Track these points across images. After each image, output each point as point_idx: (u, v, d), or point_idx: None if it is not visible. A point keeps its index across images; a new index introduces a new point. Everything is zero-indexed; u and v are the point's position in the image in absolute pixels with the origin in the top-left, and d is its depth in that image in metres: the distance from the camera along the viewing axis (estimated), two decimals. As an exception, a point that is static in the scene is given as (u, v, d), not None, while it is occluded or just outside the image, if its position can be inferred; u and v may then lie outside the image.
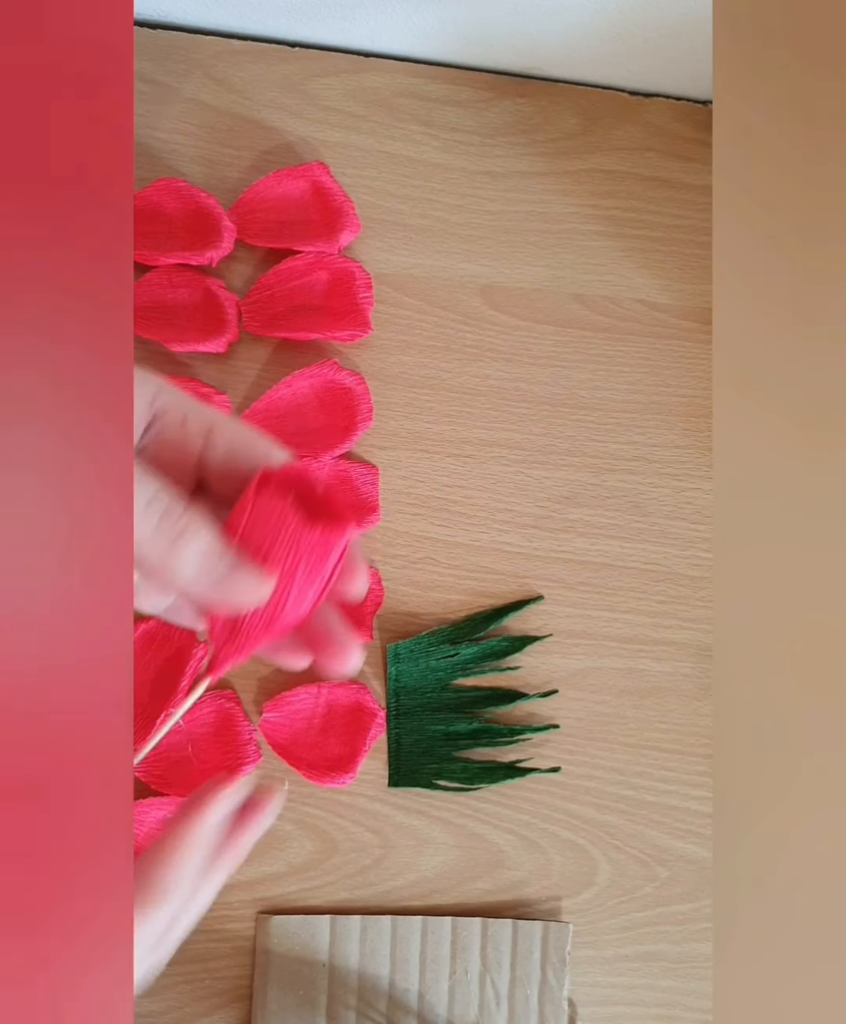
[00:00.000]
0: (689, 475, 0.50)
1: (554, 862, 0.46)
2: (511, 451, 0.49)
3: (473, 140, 0.52)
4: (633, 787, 0.47)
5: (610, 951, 0.46)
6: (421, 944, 0.44)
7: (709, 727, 0.48)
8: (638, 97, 0.54)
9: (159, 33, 0.50)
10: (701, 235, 0.53)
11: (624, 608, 0.49)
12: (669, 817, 0.47)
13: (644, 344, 0.51)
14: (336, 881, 0.45)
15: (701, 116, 0.54)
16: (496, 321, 0.50)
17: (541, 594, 0.48)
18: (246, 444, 0.28)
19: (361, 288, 0.48)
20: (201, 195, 0.47)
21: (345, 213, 0.48)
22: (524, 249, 0.51)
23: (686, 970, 0.46)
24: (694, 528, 0.50)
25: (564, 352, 0.51)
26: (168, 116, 0.50)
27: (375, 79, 0.52)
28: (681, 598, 0.49)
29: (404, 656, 0.46)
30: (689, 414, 0.51)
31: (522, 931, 0.44)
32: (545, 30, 0.49)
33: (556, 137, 0.53)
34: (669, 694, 0.48)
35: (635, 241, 0.52)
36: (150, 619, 0.45)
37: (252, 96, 0.51)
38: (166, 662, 0.45)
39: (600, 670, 0.48)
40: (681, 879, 0.47)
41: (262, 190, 0.48)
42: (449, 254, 0.51)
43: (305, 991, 0.43)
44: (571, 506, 0.49)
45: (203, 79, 0.50)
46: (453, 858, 0.46)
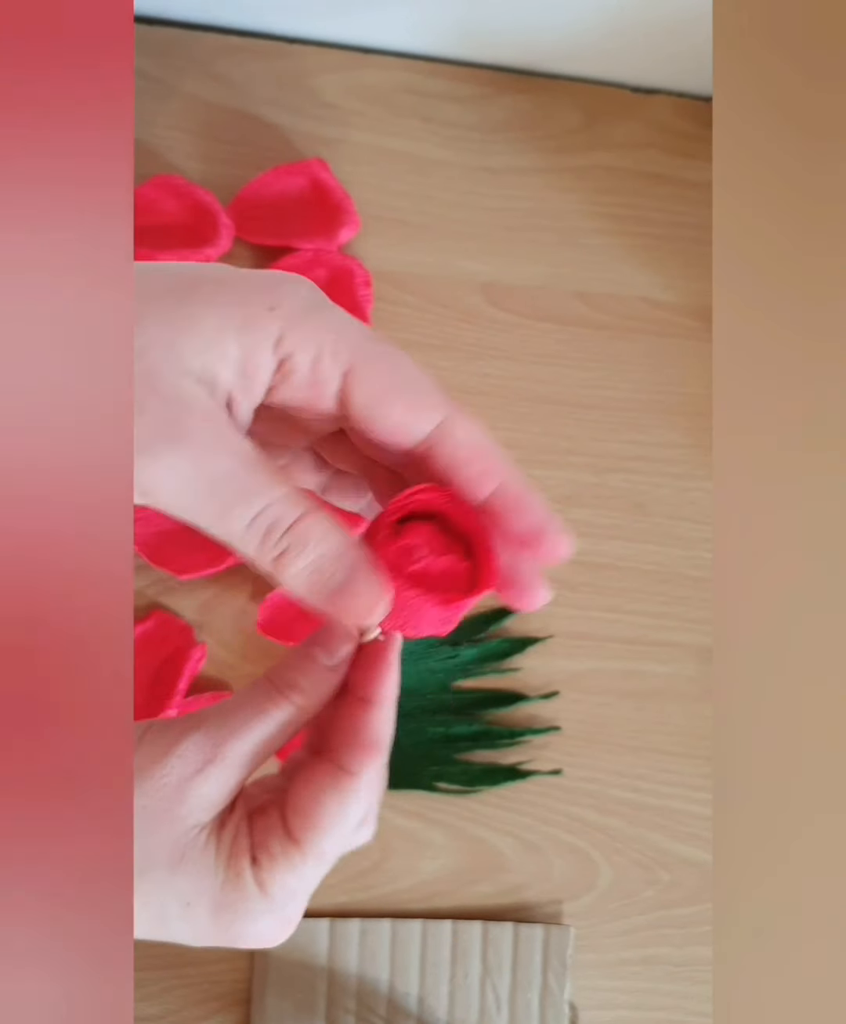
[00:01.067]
0: (692, 475, 0.50)
1: (555, 865, 0.46)
2: (511, 450, 0.48)
3: (473, 136, 0.52)
4: (634, 790, 0.47)
5: (611, 955, 0.45)
6: (421, 948, 0.43)
7: (711, 729, 0.48)
8: (639, 93, 0.54)
9: (158, 29, 0.50)
10: (703, 232, 0.52)
11: (626, 609, 0.48)
12: (671, 820, 0.47)
13: (646, 342, 0.51)
14: (335, 884, 0.44)
15: (703, 112, 0.54)
16: (497, 319, 0.50)
17: (542, 595, 0.48)
18: (390, 400, 0.23)
19: (360, 285, 0.48)
20: (199, 192, 0.47)
21: (344, 210, 0.48)
22: (525, 246, 0.51)
23: (687, 974, 0.46)
24: (697, 528, 0.50)
25: (565, 350, 0.50)
26: (166, 112, 0.50)
27: (374, 75, 0.51)
28: (684, 599, 0.49)
29: (404, 657, 0.46)
30: (692, 413, 0.51)
31: (523, 935, 0.44)
32: (546, 26, 0.49)
33: (557, 133, 0.52)
34: (671, 696, 0.48)
35: (637, 238, 0.52)
36: (148, 620, 0.44)
37: (251, 92, 0.50)
38: (164, 663, 0.44)
39: (601, 672, 0.48)
40: (683, 882, 0.46)
41: (261, 187, 0.48)
42: (449, 251, 0.50)
43: (304, 995, 0.42)
44: (572, 506, 0.49)
45: (202, 75, 0.50)
46: (453, 861, 0.45)
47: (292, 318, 0.22)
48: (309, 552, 0.23)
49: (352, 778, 0.24)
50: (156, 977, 0.43)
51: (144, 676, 0.44)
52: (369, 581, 0.23)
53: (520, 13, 0.48)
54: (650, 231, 0.52)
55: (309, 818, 0.24)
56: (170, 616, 0.45)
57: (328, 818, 0.24)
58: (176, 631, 0.45)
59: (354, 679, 0.26)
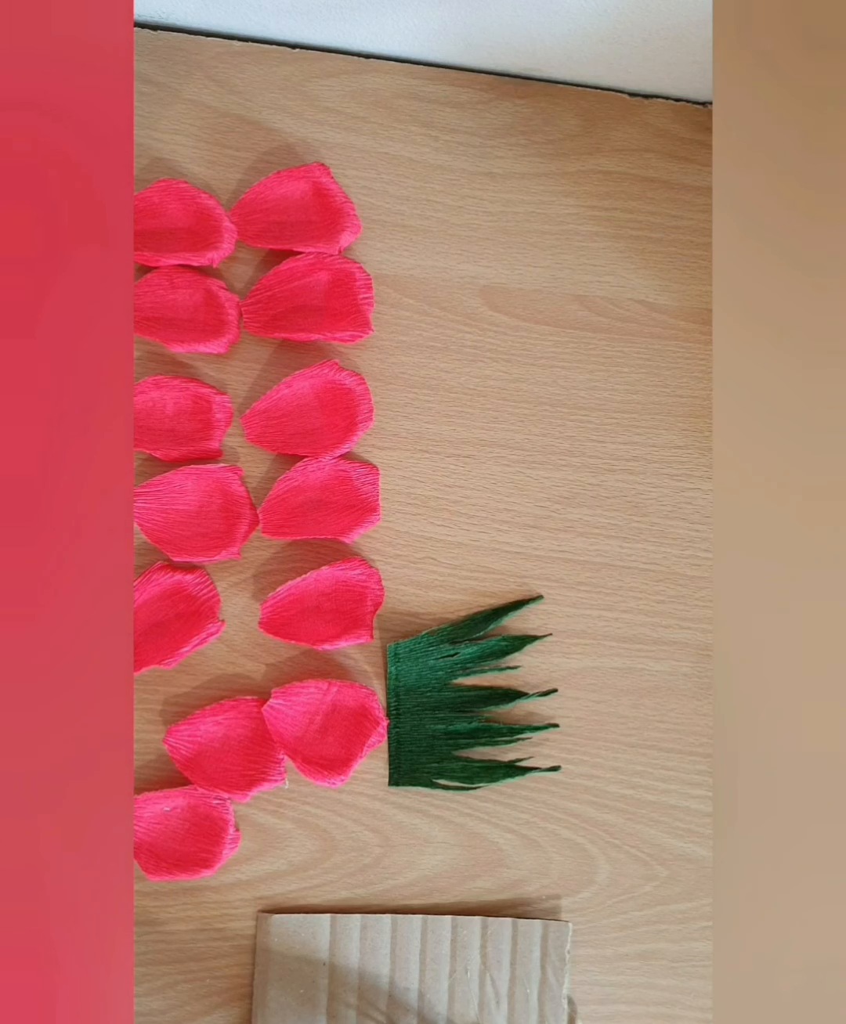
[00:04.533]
0: (688, 475, 0.51)
1: (554, 861, 0.46)
2: (511, 451, 0.50)
3: (473, 141, 0.52)
4: (632, 786, 0.47)
5: (609, 950, 0.46)
6: (421, 943, 0.44)
7: (708, 726, 0.48)
8: (638, 98, 0.54)
9: (160, 34, 0.50)
10: (700, 236, 0.53)
11: (623, 608, 0.49)
12: (668, 816, 0.47)
13: (643, 345, 0.51)
14: (336, 880, 0.45)
15: (701, 117, 0.54)
16: (496, 322, 0.51)
17: (541, 594, 0.48)
18: None
19: (361, 289, 0.48)
20: (202, 196, 0.48)
21: (345, 214, 0.48)
22: (524, 250, 0.51)
23: (685, 968, 0.46)
24: (693, 528, 0.50)
25: (564, 353, 0.51)
26: (169, 117, 0.50)
27: (375, 80, 0.52)
28: (680, 598, 0.49)
29: (404, 656, 0.46)
30: (688, 414, 0.51)
31: (522, 930, 0.44)
32: (545, 31, 0.49)
33: (556, 138, 0.53)
34: (668, 693, 0.48)
35: (635, 242, 0.52)
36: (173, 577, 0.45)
37: (253, 97, 0.51)
38: (176, 617, 0.45)
39: (599, 669, 0.48)
40: (680, 878, 0.47)
41: (262, 191, 0.49)
42: (449, 255, 0.51)
43: (305, 990, 0.43)
44: (571, 506, 0.49)
45: (204, 80, 0.50)
46: (453, 857, 0.46)
47: None
48: None
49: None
50: (159, 972, 0.43)
51: (149, 618, 0.45)
52: None
53: (520, 20, 0.48)
54: (648, 235, 0.53)
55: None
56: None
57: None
58: (203, 595, 0.45)
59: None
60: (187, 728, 0.44)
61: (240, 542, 0.46)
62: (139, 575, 0.45)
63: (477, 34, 0.50)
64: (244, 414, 0.47)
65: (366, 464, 0.48)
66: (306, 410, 0.48)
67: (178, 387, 0.46)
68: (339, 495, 0.47)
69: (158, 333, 0.46)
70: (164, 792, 0.43)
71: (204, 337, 0.47)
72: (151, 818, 0.43)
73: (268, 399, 0.47)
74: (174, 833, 0.44)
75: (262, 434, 0.47)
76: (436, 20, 0.49)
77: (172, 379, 0.46)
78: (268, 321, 0.48)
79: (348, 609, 0.46)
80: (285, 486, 0.46)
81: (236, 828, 0.44)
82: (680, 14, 0.47)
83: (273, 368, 0.48)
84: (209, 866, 0.43)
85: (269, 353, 0.49)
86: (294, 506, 0.47)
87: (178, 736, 0.44)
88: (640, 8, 0.47)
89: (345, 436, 0.47)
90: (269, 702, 0.44)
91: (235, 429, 0.48)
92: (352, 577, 0.46)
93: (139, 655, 0.44)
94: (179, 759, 0.44)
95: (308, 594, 0.46)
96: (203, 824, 0.44)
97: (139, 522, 0.45)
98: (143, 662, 0.44)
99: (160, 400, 0.47)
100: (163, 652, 0.44)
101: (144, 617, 0.45)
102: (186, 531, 0.46)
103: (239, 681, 0.46)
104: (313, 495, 0.47)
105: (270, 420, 0.47)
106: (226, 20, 0.51)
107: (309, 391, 0.47)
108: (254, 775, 0.44)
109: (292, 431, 0.47)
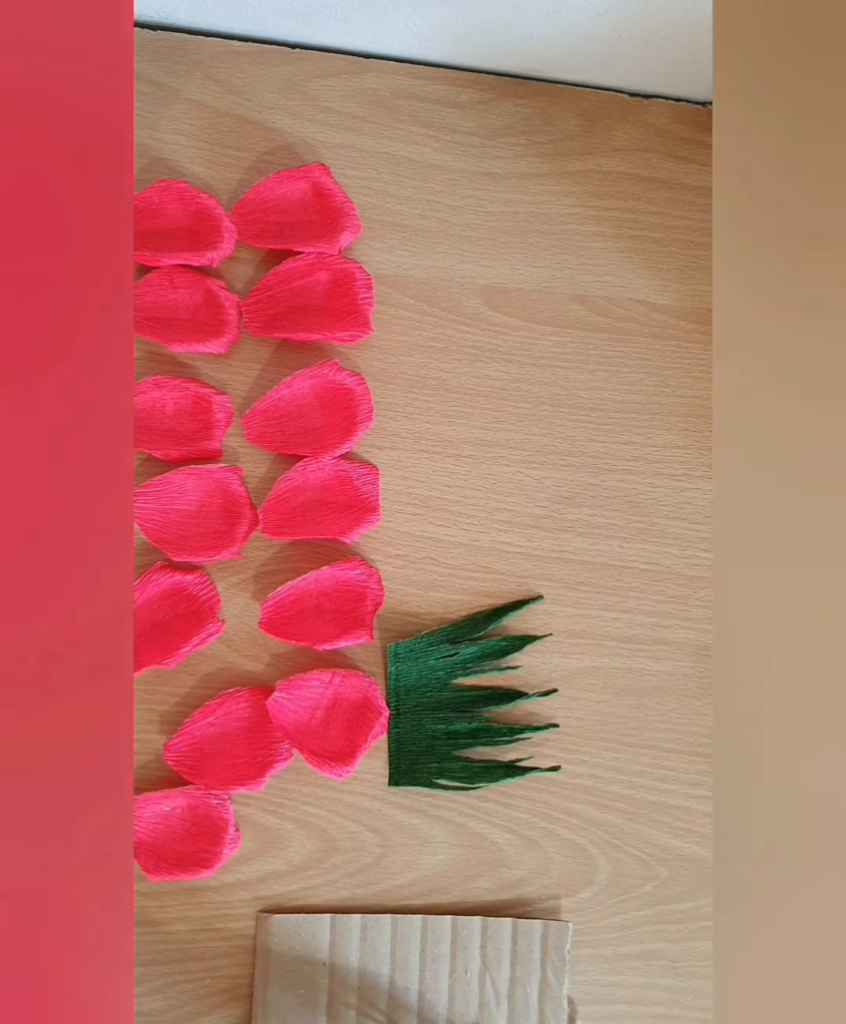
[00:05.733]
0: (688, 475, 0.51)
1: (554, 861, 0.46)
2: (511, 451, 0.50)
3: (473, 141, 0.52)
4: (632, 786, 0.47)
5: (610, 950, 0.46)
6: (421, 943, 0.44)
7: (708, 726, 0.48)
8: (638, 98, 0.54)
9: (160, 34, 0.50)
10: (700, 236, 0.53)
11: (623, 608, 0.49)
12: (668, 816, 0.47)
13: (643, 345, 0.51)
14: (336, 880, 0.45)
15: (701, 117, 0.54)
16: (496, 322, 0.51)
17: (541, 594, 0.48)
18: None
19: (361, 289, 0.48)
20: (202, 196, 0.48)
21: (345, 214, 0.48)
22: (524, 250, 0.51)
23: (685, 969, 0.46)
24: (693, 528, 0.50)
25: (563, 353, 0.51)
26: (169, 117, 0.50)
27: (375, 80, 0.52)
28: (680, 598, 0.49)
29: (404, 655, 0.46)
30: (688, 414, 0.51)
31: (522, 930, 0.44)
32: (545, 32, 0.49)
33: (556, 138, 0.53)
34: (668, 693, 0.48)
35: (634, 242, 0.52)
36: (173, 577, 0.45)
37: (252, 97, 0.51)
38: (177, 617, 0.45)
39: (599, 669, 0.48)
40: (680, 878, 0.47)
41: (263, 191, 0.49)
42: (449, 255, 0.51)
43: (305, 990, 0.43)
44: (571, 506, 0.49)
45: (204, 80, 0.50)
46: (453, 857, 0.46)
47: None
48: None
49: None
50: (159, 972, 0.43)
51: (149, 619, 0.45)
52: None
53: (520, 20, 0.48)
54: (648, 235, 0.53)
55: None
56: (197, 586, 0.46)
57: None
58: (202, 594, 0.45)
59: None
60: (182, 739, 0.44)
61: (240, 542, 0.46)
62: (139, 575, 0.45)
63: (477, 34, 0.50)
64: (244, 414, 0.47)
65: (366, 464, 0.48)
66: (306, 410, 0.48)
67: (178, 387, 0.46)
68: (339, 495, 0.47)
69: (158, 333, 0.46)
70: (164, 792, 0.43)
71: (204, 337, 0.47)
72: (151, 818, 0.43)
73: (268, 399, 0.47)
74: (174, 833, 0.44)
75: (262, 434, 0.47)
76: (436, 20, 0.49)
77: (172, 379, 0.46)
78: (268, 321, 0.48)
79: (348, 609, 0.46)
80: (285, 486, 0.46)
81: (236, 828, 0.44)
82: (680, 14, 0.47)
83: (273, 368, 0.48)
84: (209, 866, 0.43)
85: (269, 353, 0.49)
86: (294, 506, 0.47)
87: (176, 749, 0.44)
88: (640, 8, 0.47)
89: (345, 436, 0.47)
90: (274, 695, 0.44)
91: (235, 429, 0.48)
92: (352, 577, 0.46)
93: (139, 655, 0.44)
94: (184, 771, 0.44)
95: (308, 594, 0.46)
96: (203, 824, 0.44)
97: (139, 522, 0.45)
98: (143, 662, 0.44)
99: (160, 400, 0.47)
100: (163, 652, 0.44)
101: (144, 617, 0.45)
102: (186, 531, 0.46)
103: (239, 681, 0.46)
104: (313, 495, 0.47)
105: (270, 420, 0.47)
106: (226, 20, 0.51)
107: (309, 391, 0.47)
108: (263, 760, 0.44)
109: (292, 431, 0.47)
